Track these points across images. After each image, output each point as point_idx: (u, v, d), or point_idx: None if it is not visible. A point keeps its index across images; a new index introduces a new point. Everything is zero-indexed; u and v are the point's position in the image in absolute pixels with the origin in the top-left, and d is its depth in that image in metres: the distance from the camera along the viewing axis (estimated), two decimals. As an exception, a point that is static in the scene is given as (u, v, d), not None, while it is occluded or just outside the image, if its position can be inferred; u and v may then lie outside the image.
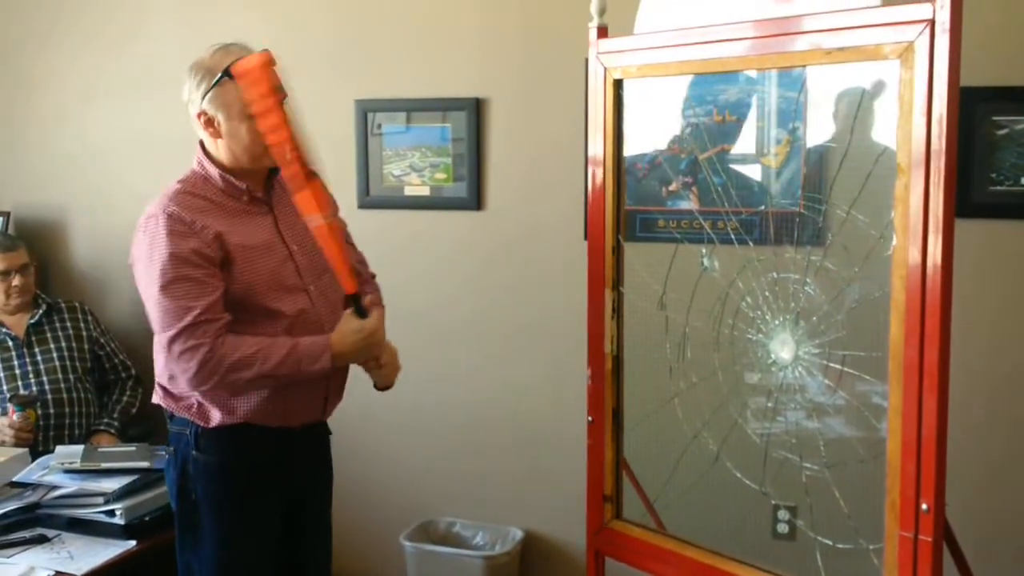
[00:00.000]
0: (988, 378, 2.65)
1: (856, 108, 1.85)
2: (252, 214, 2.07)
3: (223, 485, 2.06)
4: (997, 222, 2.60)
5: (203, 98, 1.98)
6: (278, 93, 1.96)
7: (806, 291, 1.83)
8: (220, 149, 2.03)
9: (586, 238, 2.19)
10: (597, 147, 2.11)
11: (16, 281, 3.17)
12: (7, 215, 3.66)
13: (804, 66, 1.76)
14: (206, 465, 2.05)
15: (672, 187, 2.74)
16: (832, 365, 1.80)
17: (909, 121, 1.52)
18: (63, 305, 3.33)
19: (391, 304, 3.28)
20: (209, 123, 2.00)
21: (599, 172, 2.11)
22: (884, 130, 1.62)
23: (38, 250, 3.60)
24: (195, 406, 2.04)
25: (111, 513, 2.41)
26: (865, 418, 1.75)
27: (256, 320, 2.01)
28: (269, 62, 1.94)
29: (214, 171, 2.04)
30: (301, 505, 2.19)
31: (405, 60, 3.20)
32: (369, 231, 3.29)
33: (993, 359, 2.65)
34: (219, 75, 1.95)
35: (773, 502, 1.99)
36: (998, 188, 2.59)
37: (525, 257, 3.14)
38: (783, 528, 2.23)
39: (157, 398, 2.12)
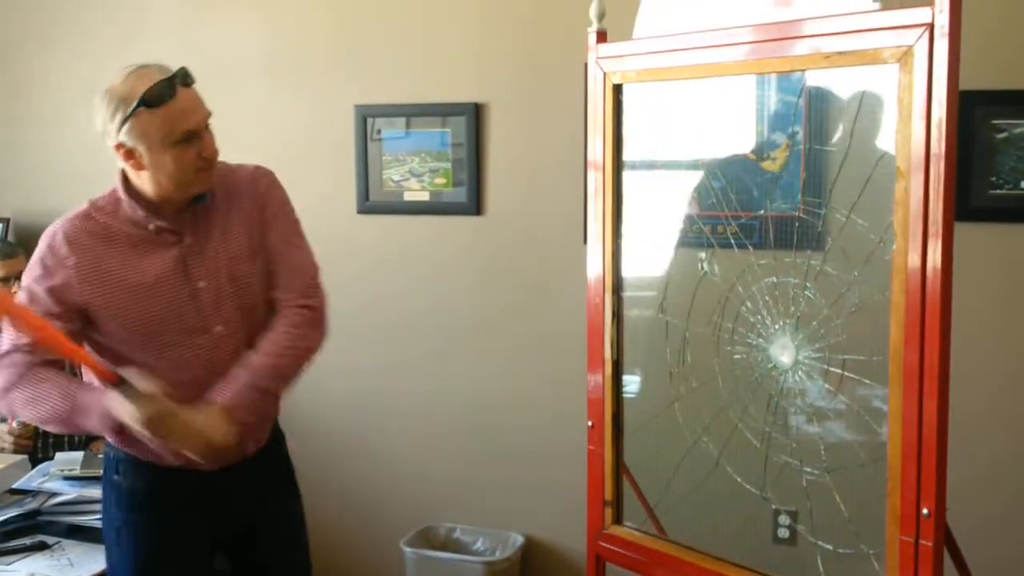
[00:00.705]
0: (988, 382, 2.65)
1: (855, 112, 1.85)
2: (155, 246, 1.93)
3: (138, 512, 2.01)
4: (996, 226, 2.60)
5: (119, 130, 1.83)
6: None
7: (806, 295, 1.83)
8: (144, 181, 1.90)
9: (586, 243, 2.19)
10: (597, 151, 2.11)
11: (15, 288, 3.16)
12: (7, 221, 3.66)
13: (803, 70, 1.76)
14: (125, 490, 2.01)
15: (672, 192, 2.73)
16: (832, 369, 1.79)
17: (908, 125, 1.52)
18: (62, 311, 3.32)
19: (390, 309, 3.30)
20: (129, 155, 1.86)
21: (599, 176, 2.11)
22: (883, 134, 1.62)
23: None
24: (116, 436, 1.96)
25: (111, 519, 2.41)
26: (865, 422, 1.75)
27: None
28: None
29: (125, 199, 1.93)
30: (248, 542, 2.11)
31: (405, 65, 3.21)
32: (368, 237, 3.31)
33: (993, 363, 2.65)
34: (134, 104, 1.80)
35: (774, 507, 1.99)
36: (997, 192, 2.59)
37: (525, 262, 3.14)
38: (784, 533, 2.22)
39: None
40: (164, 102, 1.82)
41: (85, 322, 1.92)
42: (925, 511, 1.54)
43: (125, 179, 1.95)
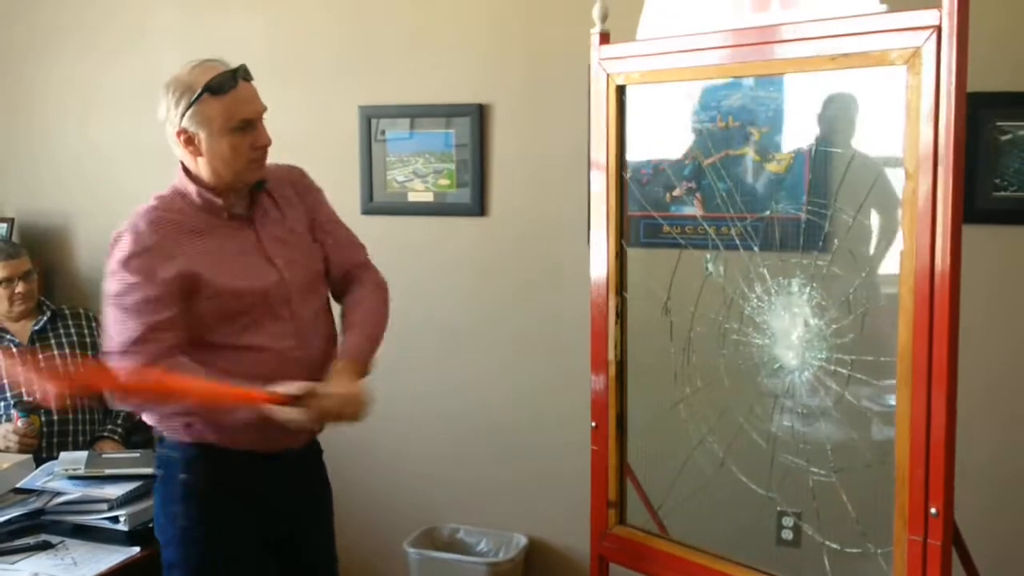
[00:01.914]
0: (996, 383, 2.65)
1: (861, 114, 1.86)
2: (232, 230, 2.03)
3: (208, 510, 2.03)
4: (1001, 227, 2.60)
5: (183, 116, 1.94)
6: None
7: (812, 296, 1.83)
8: (201, 167, 2.00)
9: (589, 243, 2.19)
10: (600, 153, 2.12)
11: (19, 288, 3.17)
12: (11, 222, 3.66)
13: (809, 72, 1.76)
14: (195, 488, 2.03)
15: (675, 192, 2.74)
16: (839, 370, 1.80)
17: (916, 127, 1.53)
18: (67, 311, 3.33)
19: (394, 310, 3.29)
20: (189, 141, 1.97)
21: (602, 177, 2.12)
22: (890, 135, 1.63)
23: (42, 257, 3.61)
24: (186, 432, 2.02)
25: (115, 519, 2.40)
26: (873, 422, 1.75)
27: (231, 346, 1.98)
28: None
29: (192, 188, 2.01)
30: (294, 542, 2.15)
31: (409, 66, 3.21)
32: (372, 237, 3.26)
33: (1000, 364, 2.65)
34: (199, 91, 1.92)
35: (778, 508, 1.99)
36: (1002, 194, 2.59)
37: (528, 263, 3.15)
38: (787, 534, 2.22)
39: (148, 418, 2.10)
40: (226, 91, 1.94)
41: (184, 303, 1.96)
42: (933, 510, 1.55)
43: (186, 171, 2.03)
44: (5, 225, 3.65)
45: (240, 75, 1.98)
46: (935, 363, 1.53)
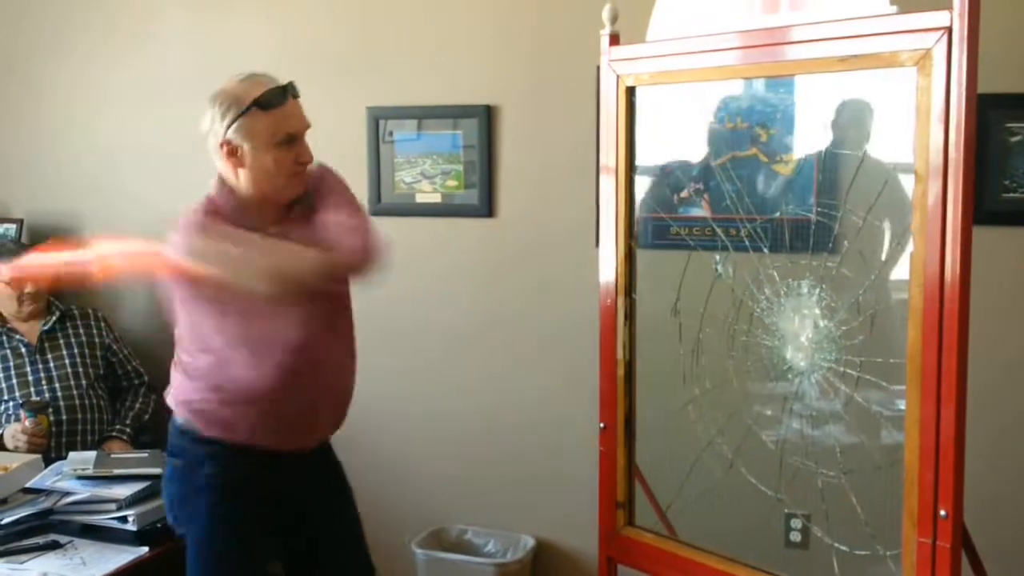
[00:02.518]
0: (1004, 385, 2.64)
1: (870, 115, 1.85)
2: None
3: (229, 504, 2.08)
4: (1010, 229, 2.59)
5: (228, 127, 1.96)
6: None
7: (822, 298, 1.83)
8: (242, 179, 2.02)
9: (598, 245, 2.19)
10: (609, 154, 2.12)
11: (28, 288, 3.18)
12: (20, 223, 3.67)
13: (819, 73, 1.76)
14: (217, 484, 2.08)
15: (683, 194, 2.74)
16: (848, 371, 1.79)
17: (927, 128, 1.53)
18: (76, 312, 3.34)
19: (402, 311, 3.31)
20: (232, 153, 1.99)
21: (611, 179, 2.12)
22: (900, 137, 1.62)
23: (50, 257, 3.62)
24: (207, 423, 2.09)
25: (123, 519, 2.42)
26: (882, 424, 1.75)
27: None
28: None
29: (233, 206, 2.04)
30: (310, 549, 2.22)
31: (416, 67, 3.21)
32: (380, 238, 3.31)
33: (1008, 365, 2.64)
34: (248, 105, 1.95)
35: (786, 511, 1.99)
36: (1011, 195, 2.58)
37: (536, 264, 3.15)
38: (795, 536, 2.22)
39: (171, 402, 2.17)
40: (275, 106, 1.98)
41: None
42: (942, 512, 1.55)
43: (222, 183, 2.05)
44: (14, 226, 3.66)
45: (290, 92, 2.02)
46: (945, 365, 1.53)
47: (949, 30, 1.49)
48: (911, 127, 1.58)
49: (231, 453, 2.08)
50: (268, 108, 1.97)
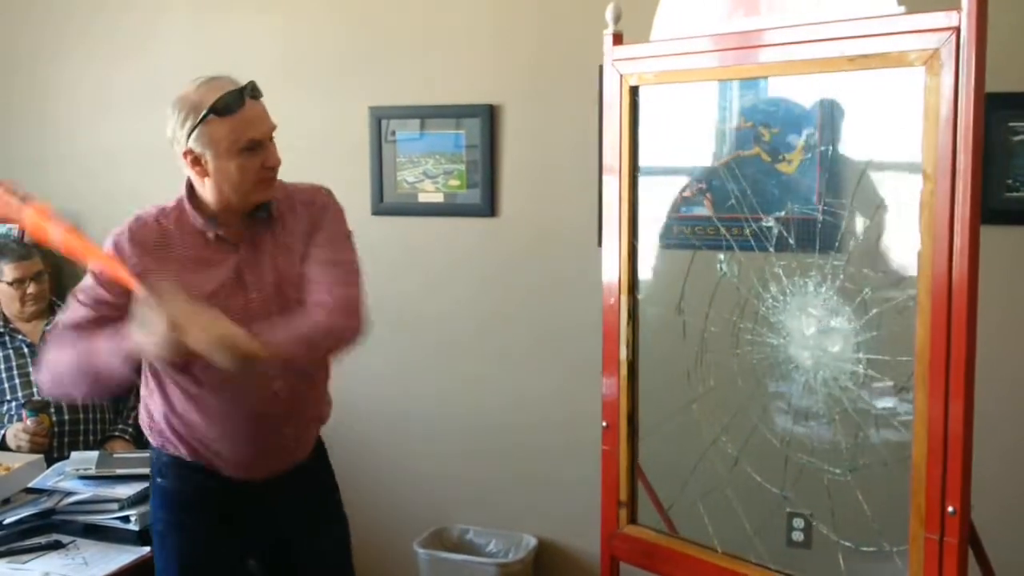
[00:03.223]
0: (1007, 382, 2.64)
1: (875, 115, 1.86)
2: (213, 255, 1.98)
3: (179, 514, 2.07)
4: (1013, 228, 2.60)
5: (189, 136, 1.87)
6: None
7: (828, 296, 1.83)
8: (207, 188, 1.94)
9: (600, 244, 2.19)
10: (613, 153, 2.12)
11: (31, 289, 3.18)
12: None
13: (828, 73, 1.76)
14: (169, 493, 2.07)
15: (686, 193, 2.74)
16: (855, 369, 1.80)
17: (935, 128, 1.53)
18: (77, 312, 3.34)
19: (404, 311, 3.31)
20: (196, 161, 1.90)
21: (615, 178, 2.12)
22: (907, 136, 1.63)
23: (53, 257, 3.60)
24: (159, 436, 2.06)
25: (125, 519, 2.41)
26: (889, 422, 1.75)
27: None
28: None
29: (188, 208, 1.97)
30: (288, 564, 2.16)
31: (419, 67, 3.22)
32: (382, 238, 3.31)
33: (1011, 364, 2.65)
34: (205, 112, 1.85)
35: (788, 510, 1.99)
36: (1014, 194, 2.59)
37: (539, 263, 3.15)
38: (798, 536, 2.22)
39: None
40: (233, 111, 1.87)
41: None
42: (950, 509, 1.55)
43: (190, 188, 1.99)
44: (17, 226, 3.65)
45: (248, 93, 1.90)
46: (953, 363, 1.54)
47: (958, 30, 1.49)
48: (910, 127, 1.59)
49: (184, 466, 2.04)
50: (226, 114, 1.86)
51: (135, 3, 3.57)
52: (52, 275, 3.41)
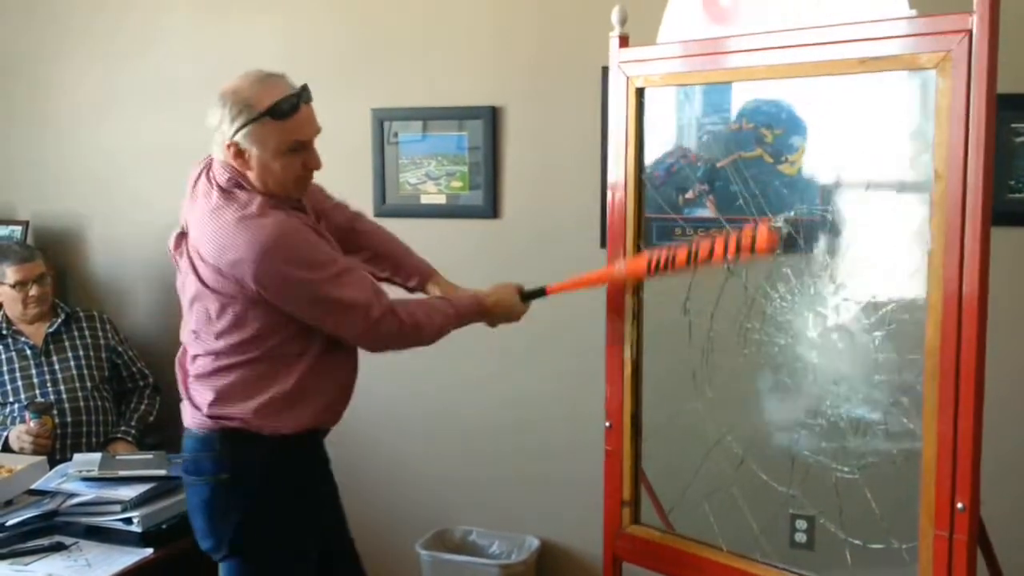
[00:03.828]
0: (1014, 381, 2.65)
1: (879, 116, 1.86)
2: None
3: (281, 506, 2.06)
4: (1015, 229, 2.59)
5: (237, 131, 1.89)
6: None
7: (836, 295, 1.84)
8: (249, 176, 1.96)
9: (603, 245, 2.20)
10: (618, 155, 2.13)
11: (34, 291, 3.18)
12: (25, 225, 3.66)
13: (837, 75, 1.77)
14: (280, 468, 2.03)
15: (689, 195, 2.75)
16: (865, 368, 1.80)
17: (946, 129, 1.55)
18: (81, 314, 3.34)
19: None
20: (239, 155, 1.92)
21: (620, 179, 2.13)
22: (916, 136, 1.64)
23: (56, 259, 3.61)
24: (270, 420, 2.02)
25: (128, 521, 2.41)
26: (897, 419, 1.76)
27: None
28: None
29: (255, 194, 1.95)
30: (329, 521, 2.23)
31: (421, 69, 3.22)
32: (386, 239, 3.31)
33: (1014, 364, 2.65)
34: (261, 112, 1.87)
35: (791, 511, 2.00)
36: (1016, 196, 2.60)
37: (541, 265, 3.14)
38: (801, 537, 2.23)
39: (200, 418, 2.05)
40: (288, 116, 1.90)
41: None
42: (960, 505, 1.56)
43: (242, 179, 1.96)
44: (19, 228, 3.65)
45: (303, 98, 1.94)
46: (963, 361, 1.55)
47: (970, 33, 1.51)
48: (915, 129, 1.60)
49: (288, 445, 2.02)
50: (282, 118, 1.89)
51: (136, 4, 3.56)
52: (55, 277, 3.41)
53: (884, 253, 1.80)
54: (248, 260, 1.86)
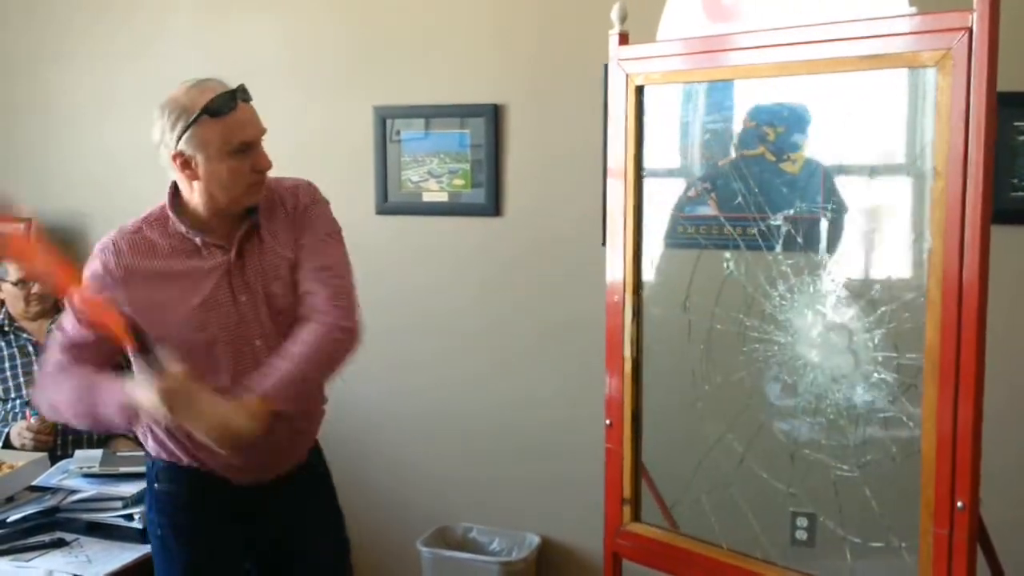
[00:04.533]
0: (1013, 381, 2.64)
1: (879, 114, 1.86)
2: (199, 265, 1.96)
3: (176, 517, 2.06)
4: (1018, 228, 2.59)
5: (179, 138, 1.86)
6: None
7: (836, 294, 1.84)
8: (196, 193, 1.93)
9: (604, 243, 2.19)
10: (618, 152, 2.12)
11: (36, 288, 3.18)
12: (27, 223, 3.67)
13: (839, 72, 1.76)
14: (165, 497, 2.06)
15: (690, 193, 2.74)
16: (864, 366, 1.80)
17: (947, 127, 1.54)
18: (81, 311, 3.34)
19: (408, 310, 3.31)
20: (186, 164, 1.89)
21: (620, 177, 2.12)
22: (916, 135, 1.63)
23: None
24: (154, 443, 2.05)
25: (129, 517, 2.41)
26: (897, 418, 1.75)
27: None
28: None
29: (174, 218, 1.95)
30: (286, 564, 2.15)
31: (423, 67, 3.22)
32: (387, 237, 3.32)
33: (1016, 363, 2.65)
34: (197, 113, 1.85)
35: (791, 509, 1.99)
36: (1018, 194, 2.59)
37: (543, 263, 3.15)
38: (801, 535, 2.23)
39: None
40: (225, 113, 1.87)
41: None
42: (959, 504, 1.56)
43: (174, 194, 1.98)
44: (21, 227, 3.65)
45: (240, 96, 1.90)
46: (963, 359, 1.55)
47: (970, 31, 1.50)
48: (915, 127, 1.59)
49: (182, 470, 2.03)
50: (218, 115, 1.85)
51: (138, 4, 3.57)
52: (56, 274, 3.41)
53: (884, 251, 1.80)
54: None
